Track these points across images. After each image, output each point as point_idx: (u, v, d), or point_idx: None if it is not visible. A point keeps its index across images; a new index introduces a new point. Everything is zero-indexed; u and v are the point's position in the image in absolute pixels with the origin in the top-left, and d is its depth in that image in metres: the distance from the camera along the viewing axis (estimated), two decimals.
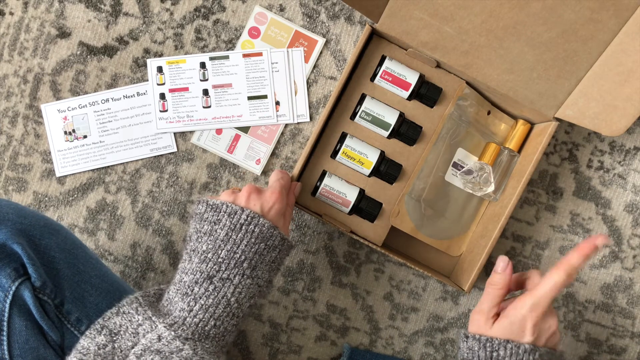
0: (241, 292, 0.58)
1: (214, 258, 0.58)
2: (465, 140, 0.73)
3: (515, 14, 0.63)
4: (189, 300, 0.57)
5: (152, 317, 0.56)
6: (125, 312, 0.57)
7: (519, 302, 0.58)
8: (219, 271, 0.58)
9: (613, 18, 0.61)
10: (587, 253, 0.57)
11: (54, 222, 0.62)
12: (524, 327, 0.58)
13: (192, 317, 0.57)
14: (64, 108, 0.76)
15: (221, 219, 0.59)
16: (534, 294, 0.58)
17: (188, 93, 0.76)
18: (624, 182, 0.77)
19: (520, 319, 0.57)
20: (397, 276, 0.78)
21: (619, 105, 0.63)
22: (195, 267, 0.58)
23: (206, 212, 0.60)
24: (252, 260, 0.59)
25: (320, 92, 0.76)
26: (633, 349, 0.79)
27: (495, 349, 0.58)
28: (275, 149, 0.76)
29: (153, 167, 0.76)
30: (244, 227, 0.59)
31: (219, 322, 0.57)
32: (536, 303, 0.57)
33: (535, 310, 0.57)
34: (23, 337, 0.56)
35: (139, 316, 0.56)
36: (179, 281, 0.58)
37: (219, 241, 0.58)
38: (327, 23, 0.75)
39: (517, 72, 0.66)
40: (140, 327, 0.56)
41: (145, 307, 0.57)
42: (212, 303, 0.57)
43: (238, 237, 0.58)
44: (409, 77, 0.70)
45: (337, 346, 0.79)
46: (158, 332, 0.55)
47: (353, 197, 0.70)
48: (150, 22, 0.76)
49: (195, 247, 0.59)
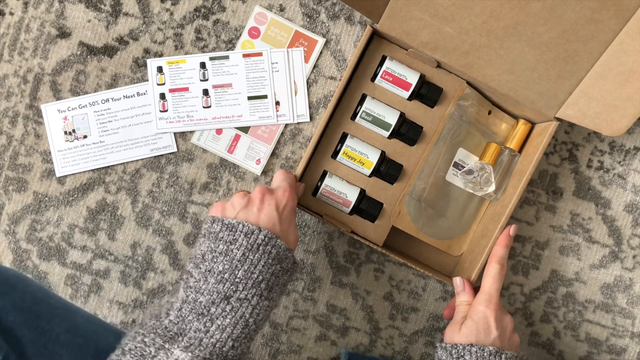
0: (259, 314, 0.57)
1: (230, 278, 0.56)
2: (466, 140, 0.73)
3: (515, 14, 0.63)
4: (204, 320, 0.55)
5: (165, 345, 0.53)
6: (132, 349, 0.53)
7: (475, 303, 0.65)
8: (236, 291, 0.56)
9: (614, 18, 0.61)
10: (507, 243, 0.68)
11: (9, 273, 0.56)
12: (488, 323, 0.63)
13: (208, 337, 0.54)
14: (64, 108, 0.75)
15: (237, 239, 0.57)
16: (483, 291, 0.65)
17: (188, 93, 0.76)
18: (624, 182, 0.77)
19: (482, 316, 0.63)
20: (397, 276, 0.78)
21: (619, 105, 0.63)
22: (211, 287, 0.56)
23: (221, 231, 0.58)
24: (270, 282, 0.58)
25: (320, 92, 0.76)
26: (633, 349, 0.79)
27: (461, 355, 0.62)
28: (275, 149, 0.76)
29: (153, 167, 0.76)
30: (261, 247, 0.57)
31: (237, 344, 0.55)
32: (488, 297, 0.64)
33: (491, 304, 0.64)
34: None
35: (149, 348, 0.53)
36: (193, 301, 0.56)
37: (236, 261, 0.57)
38: (327, 23, 0.75)
39: (518, 72, 0.67)
40: (155, 358, 0.52)
41: (152, 336, 0.53)
42: (229, 323, 0.55)
43: (255, 258, 0.57)
44: (409, 77, 0.70)
45: (337, 346, 0.79)
46: (174, 356, 0.52)
47: (354, 198, 0.70)
48: (150, 22, 0.75)
49: (211, 267, 0.57)
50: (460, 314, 0.66)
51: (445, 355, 0.63)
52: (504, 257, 0.67)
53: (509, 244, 0.68)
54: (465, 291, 0.68)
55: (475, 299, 0.65)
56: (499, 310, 0.64)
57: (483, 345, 0.62)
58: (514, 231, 0.69)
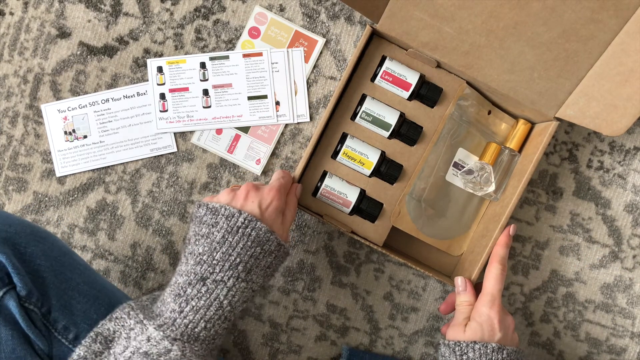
0: (235, 295, 0.58)
1: (208, 260, 0.58)
2: (466, 140, 0.73)
3: (515, 14, 0.63)
4: (180, 301, 0.57)
5: (144, 320, 0.56)
6: (117, 317, 0.57)
7: (478, 305, 0.65)
8: (212, 273, 0.57)
9: (613, 18, 0.61)
10: (508, 242, 0.68)
11: (41, 229, 0.62)
12: (493, 324, 0.63)
13: (182, 318, 0.56)
14: (64, 108, 0.75)
15: (219, 222, 0.59)
16: (485, 292, 0.65)
17: (188, 93, 0.76)
18: (624, 182, 0.77)
19: (486, 318, 0.63)
20: (397, 276, 0.78)
21: (619, 105, 0.63)
22: (190, 268, 0.58)
23: (205, 215, 0.60)
24: (247, 264, 0.59)
25: (320, 92, 0.76)
26: (633, 349, 0.79)
27: (464, 352, 0.63)
28: (275, 149, 0.76)
29: (153, 167, 0.76)
30: (240, 229, 0.59)
31: (210, 325, 0.57)
32: (492, 299, 0.64)
33: (494, 305, 0.64)
34: (9, 347, 0.55)
35: (130, 320, 0.56)
36: (173, 283, 0.58)
37: (215, 243, 0.58)
38: (327, 23, 0.75)
39: (518, 72, 0.67)
40: (132, 330, 0.56)
41: (137, 311, 0.57)
42: (203, 305, 0.57)
43: (234, 240, 0.58)
44: (409, 77, 0.70)
45: (337, 346, 0.79)
46: (148, 333, 0.55)
47: (354, 198, 0.70)
48: (151, 22, 0.75)
49: (192, 249, 0.59)
50: (462, 314, 0.66)
51: (448, 352, 0.64)
52: (505, 257, 0.67)
53: (509, 244, 0.68)
54: (466, 291, 0.67)
55: (478, 301, 0.65)
56: (502, 311, 0.64)
57: (488, 342, 0.62)
58: (514, 231, 0.69)
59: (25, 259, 0.57)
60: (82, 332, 0.59)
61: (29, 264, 0.57)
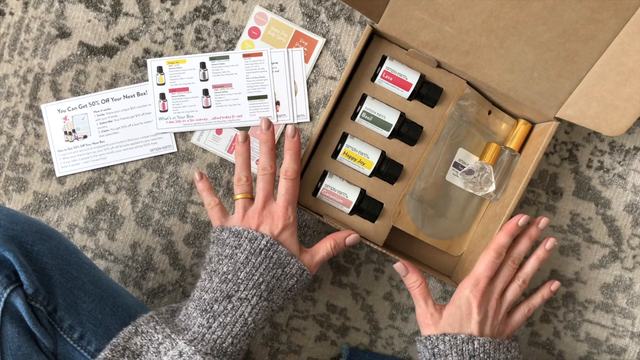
0: (257, 313, 0.61)
1: (233, 279, 0.61)
2: (466, 140, 0.73)
3: (515, 13, 0.63)
4: (208, 317, 0.59)
5: (172, 335, 0.58)
6: (144, 331, 0.59)
7: (460, 287, 0.64)
8: (237, 291, 0.60)
9: (614, 18, 0.61)
10: (513, 232, 0.64)
11: (47, 227, 0.62)
12: (470, 308, 0.63)
13: (210, 333, 0.59)
14: (64, 108, 0.75)
15: (242, 244, 0.62)
16: (471, 275, 0.64)
17: (188, 93, 0.76)
18: (624, 182, 0.78)
19: (465, 301, 0.63)
20: (397, 276, 0.78)
21: (619, 105, 0.63)
22: (215, 286, 0.61)
23: (228, 237, 0.63)
24: (270, 284, 0.62)
25: (320, 92, 0.76)
26: (633, 349, 0.79)
27: (435, 345, 0.63)
28: (275, 149, 0.76)
29: (153, 167, 0.76)
30: (263, 252, 0.62)
31: (236, 341, 0.60)
32: (475, 282, 0.63)
33: (476, 289, 0.63)
34: (15, 344, 0.56)
35: (158, 335, 0.58)
36: (198, 298, 0.61)
37: (239, 263, 0.61)
38: (327, 23, 0.75)
39: (518, 72, 0.67)
40: (161, 345, 0.57)
41: (163, 325, 0.59)
42: (229, 321, 0.59)
43: (257, 261, 0.61)
44: (409, 77, 0.70)
45: (337, 346, 0.78)
46: (179, 348, 0.57)
47: (354, 198, 0.70)
48: (150, 22, 0.75)
49: (216, 268, 0.62)
50: (420, 295, 0.65)
51: (422, 347, 0.64)
52: (504, 246, 0.64)
53: (514, 234, 0.65)
54: (409, 272, 0.66)
55: (461, 283, 0.64)
56: (484, 295, 0.63)
57: (458, 333, 0.62)
58: (524, 221, 0.65)
59: (31, 257, 0.58)
60: (87, 332, 0.60)
61: (35, 262, 0.58)
